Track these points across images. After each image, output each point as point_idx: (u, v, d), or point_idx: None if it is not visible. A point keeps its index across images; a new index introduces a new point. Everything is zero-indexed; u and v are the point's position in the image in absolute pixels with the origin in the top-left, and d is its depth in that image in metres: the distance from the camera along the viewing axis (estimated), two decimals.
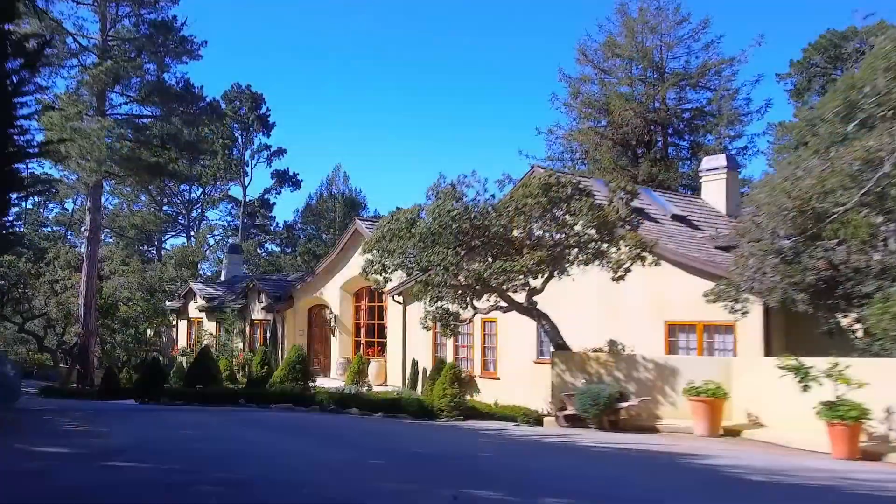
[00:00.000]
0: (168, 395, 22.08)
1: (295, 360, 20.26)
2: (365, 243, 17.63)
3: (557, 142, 44.27)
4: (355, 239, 29.17)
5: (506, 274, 15.93)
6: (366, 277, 17.44)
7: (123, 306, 41.21)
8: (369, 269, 16.99)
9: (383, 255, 16.86)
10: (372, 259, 16.94)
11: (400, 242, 16.95)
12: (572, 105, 43.98)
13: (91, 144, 31.99)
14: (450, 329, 18.99)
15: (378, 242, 17.08)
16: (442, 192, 16.94)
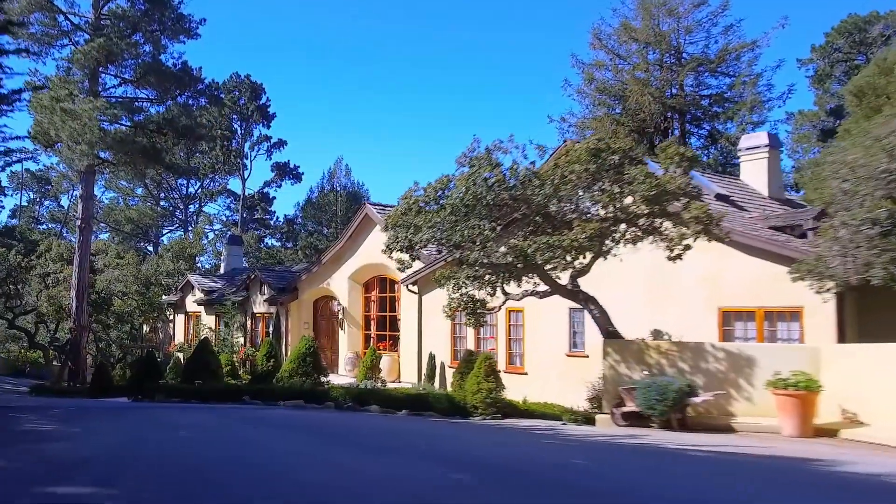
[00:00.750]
0: (164, 391, 19.75)
1: (305, 351, 17.93)
2: (388, 218, 15.32)
3: (570, 130, 42.04)
4: (365, 225, 26.86)
5: (552, 250, 13.62)
6: (389, 255, 15.13)
7: (118, 300, 38.82)
8: (394, 246, 14.68)
9: (409, 230, 14.54)
10: (396, 235, 14.62)
11: (428, 216, 14.66)
12: (586, 92, 41.78)
13: (82, 126, 29.67)
14: (475, 318, 16.80)
15: (403, 216, 14.78)
16: (476, 158, 14.66)
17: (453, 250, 14.89)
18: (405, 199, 14.90)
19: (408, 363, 25.21)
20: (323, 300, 29.59)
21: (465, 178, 14.43)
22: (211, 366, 20.46)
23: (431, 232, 14.20)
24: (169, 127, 34.33)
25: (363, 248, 26.99)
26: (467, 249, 14.53)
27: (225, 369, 23.36)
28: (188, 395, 18.74)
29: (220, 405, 16.79)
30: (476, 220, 14.27)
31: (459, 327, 23.40)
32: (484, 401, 14.81)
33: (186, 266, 40.49)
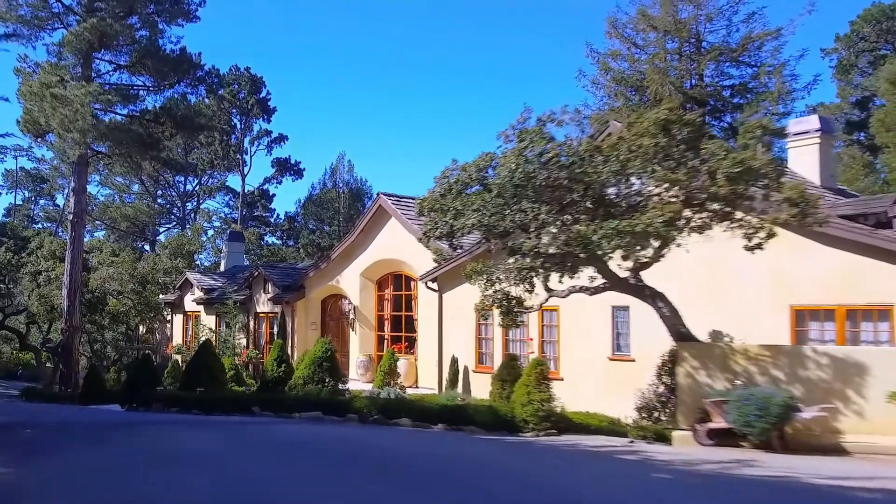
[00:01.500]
0: (161, 400, 17.44)
1: (322, 355, 15.65)
2: (423, 201, 13.02)
3: (584, 122, 39.73)
4: (379, 218, 24.57)
5: (621, 237, 11.35)
6: (426, 244, 12.89)
7: (113, 300, 36.45)
8: (432, 233, 12.41)
9: (450, 214, 12.27)
10: (435, 221, 12.35)
11: (470, 199, 12.39)
12: (601, 83, 39.58)
13: (74, 113, 27.36)
14: (510, 318, 14.65)
15: (442, 199, 12.51)
16: (526, 132, 12.39)
17: (500, 238, 12.61)
18: (443, 179, 12.63)
19: (426, 367, 22.94)
20: (332, 299, 27.29)
21: (514, 154, 12.17)
22: (214, 371, 18.17)
23: (477, 216, 11.92)
24: (167, 116, 32.08)
25: (377, 243, 24.71)
26: (517, 237, 12.27)
27: (228, 374, 21.05)
28: (189, 405, 16.46)
29: (227, 418, 14.50)
30: (529, 203, 12.02)
31: (485, 328, 21.16)
32: (536, 414, 12.53)
33: (185, 264, 38.13)
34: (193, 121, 32.52)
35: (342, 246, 25.99)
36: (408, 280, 24.41)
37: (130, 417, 15.17)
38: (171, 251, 38.55)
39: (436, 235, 12.36)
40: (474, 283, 15.01)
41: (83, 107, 27.27)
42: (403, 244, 23.63)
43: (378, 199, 24.28)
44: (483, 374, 20.78)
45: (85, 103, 27.27)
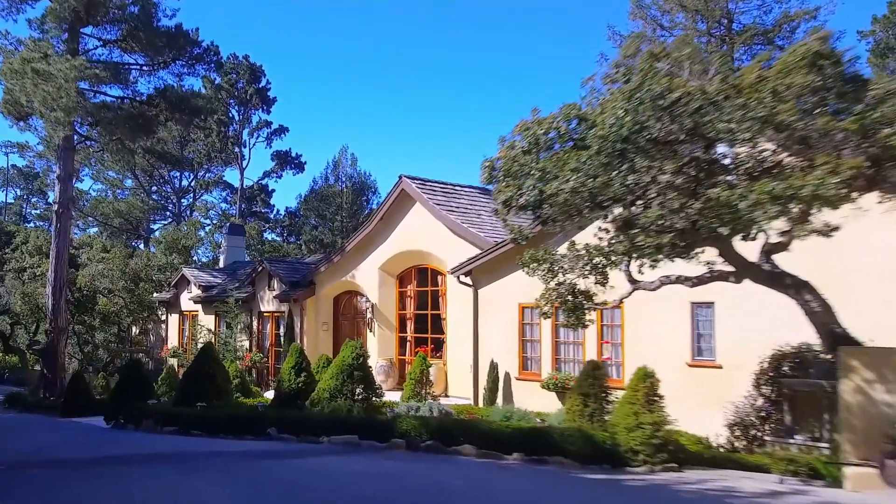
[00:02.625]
0: (154, 415, 14.12)
1: (353, 363, 12.33)
2: (493, 164, 9.74)
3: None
4: (401, 204, 21.31)
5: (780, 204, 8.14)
6: (503, 218, 9.65)
7: (103, 299, 33.04)
8: (512, 201, 9.18)
9: (537, 178, 9.02)
10: (519, 186, 9.10)
11: (562, 157, 9.14)
12: None
13: (57, 89, 24.01)
14: (576, 317, 11.61)
15: (523, 157, 9.25)
16: (635, 67, 9.17)
17: (599, 209, 9.38)
18: (525, 133, 9.36)
19: (458, 373, 19.73)
20: (346, 296, 24.00)
21: (622, 97, 8.91)
22: (217, 380, 14.87)
23: (578, 179, 8.66)
24: (161, 98, 28.72)
25: (399, 232, 21.45)
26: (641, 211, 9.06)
27: (233, 382, 17.73)
28: (187, 424, 13.17)
29: (237, 445, 11.19)
30: (644, 161, 8.81)
31: (530, 328, 17.95)
32: (649, 442, 9.27)
33: (181, 260, 34.74)
34: (190, 102, 29.17)
35: (358, 237, 22.70)
36: (434, 274, 21.15)
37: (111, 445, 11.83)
38: (166, 246, 35.12)
39: (519, 205, 9.08)
40: (532, 273, 11.99)
41: (67, 82, 23.94)
42: (430, 233, 20.41)
43: (401, 181, 21.01)
44: (529, 382, 17.61)
45: (69, 78, 23.93)
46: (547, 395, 16.93)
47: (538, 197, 8.91)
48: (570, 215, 9.32)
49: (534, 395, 17.17)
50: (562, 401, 16.75)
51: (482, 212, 21.28)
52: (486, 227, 20.16)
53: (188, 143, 50.82)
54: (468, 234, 19.23)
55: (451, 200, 20.94)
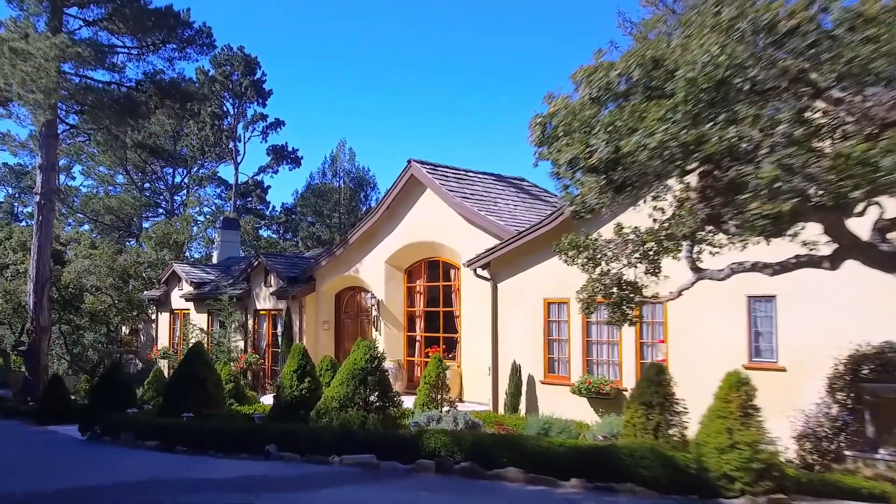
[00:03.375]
0: (134, 427, 12.04)
1: (366, 366, 10.25)
2: (544, 120, 7.67)
3: None
4: (410, 191, 19.27)
5: None
6: (567, 180, 7.56)
7: (90, 297, 30.89)
8: (580, 162, 7.12)
9: (611, 133, 6.97)
10: (586, 143, 7.05)
11: (640, 107, 7.09)
12: None
13: (36, 69, 21.87)
14: (620, 314, 9.71)
15: (591, 107, 7.20)
16: None
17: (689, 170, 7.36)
18: (590, 79, 7.30)
19: (474, 376, 17.73)
20: (349, 292, 21.95)
21: (716, 31, 6.87)
22: (206, 385, 12.81)
23: (669, 130, 6.62)
24: (150, 83, 26.66)
25: (407, 222, 19.41)
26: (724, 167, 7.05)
27: (226, 387, 15.66)
28: (171, 438, 11.10)
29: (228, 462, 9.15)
30: (750, 108, 6.79)
31: (557, 326, 15.94)
32: (748, 467, 7.23)
33: (172, 256, 32.59)
34: (181, 88, 27.08)
35: (362, 227, 20.64)
36: (447, 267, 19.12)
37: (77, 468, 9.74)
38: (157, 242, 32.95)
39: (588, 166, 7.01)
40: (571, 261, 10.09)
41: (47, 62, 21.84)
42: (442, 223, 18.40)
43: (409, 166, 18.96)
44: (555, 386, 15.61)
45: (49, 57, 21.83)
46: (577, 402, 14.94)
47: (612, 155, 6.87)
48: (648, 180, 7.29)
49: (562, 401, 15.18)
50: (595, 408, 14.79)
51: (498, 199, 19.28)
52: (504, 215, 18.17)
53: (181, 137, 48.69)
54: (486, 222, 17.22)
55: (465, 187, 18.92)
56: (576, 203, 7.75)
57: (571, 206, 7.84)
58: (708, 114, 6.97)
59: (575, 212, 7.85)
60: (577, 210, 7.82)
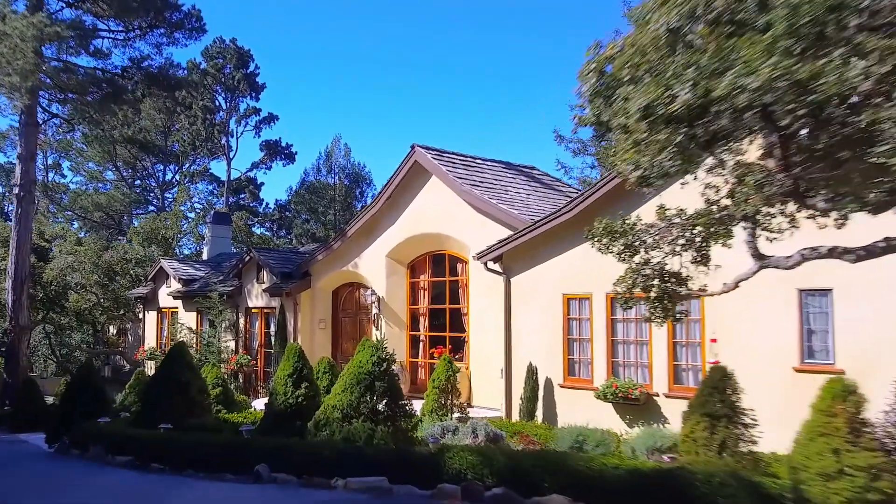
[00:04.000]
0: (105, 439, 10.39)
1: (373, 369, 8.59)
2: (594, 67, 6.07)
3: None
4: (413, 179, 17.68)
5: None
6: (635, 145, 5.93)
7: (74, 295, 29.15)
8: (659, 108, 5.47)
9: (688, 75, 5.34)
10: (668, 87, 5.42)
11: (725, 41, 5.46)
12: None
13: (12, 50, 20.16)
14: (661, 309, 8.19)
15: (668, 44, 5.58)
16: None
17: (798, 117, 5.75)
18: (663, 7, 5.68)
19: (484, 379, 16.12)
20: (347, 289, 20.31)
21: None
22: (189, 391, 11.16)
23: (776, 65, 5.01)
24: (137, 69, 24.97)
25: (410, 212, 17.81)
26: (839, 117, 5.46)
27: (213, 391, 14.00)
28: (146, 453, 9.46)
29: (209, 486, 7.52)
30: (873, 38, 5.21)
31: (577, 324, 14.35)
32: (862, 497, 5.65)
33: (160, 252, 30.85)
34: (169, 74, 25.39)
35: (361, 219, 19.02)
36: (454, 261, 17.52)
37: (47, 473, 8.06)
38: (144, 237, 31.21)
39: (668, 115, 5.39)
40: (605, 249, 8.63)
41: (24, 41, 20.13)
42: (448, 212, 16.81)
43: (413, 152, 17.35)
44: (576, 391, 14.03)
45: (26, 37, 20.13)
46: (601, 408, 13.36)
47: (700, 100, 5.25)
48: (738, 135, 5.73)
49: (583, 407, 13.61)
50: (621, 414, 13.22)
51: (509, 188, 17.70)
52: (517, 204, 16.59)
53: (172, 132, 46.97)
54: (497, 211, 15.62)
55: (474, 174, 17.33)
56: (642, 166, 6.13)
57: (637, 171, 6.23)
58: (814, 51, 5.40)
59: (643, 177, 6.24)
60: (644, 175, 6.21)
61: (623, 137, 6.15)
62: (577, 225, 14.07)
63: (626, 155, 6.21)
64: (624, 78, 5.82)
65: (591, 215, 13.67)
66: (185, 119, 45.21)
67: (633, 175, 6.28)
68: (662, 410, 12.86)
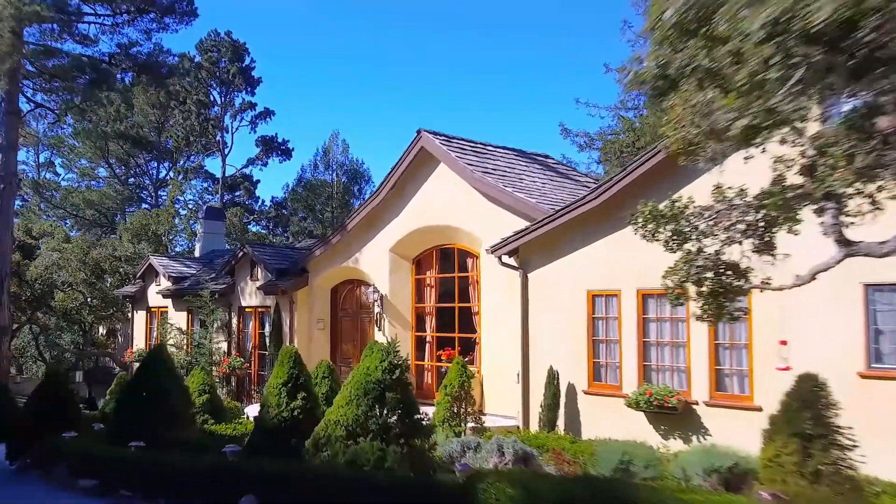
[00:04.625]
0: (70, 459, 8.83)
1: (384, 378, 7.00)
2: None
3: None
4: (420, 167, 16.16)
5: None
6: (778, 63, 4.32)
7: (61, 293, 27.54)
8: (798, 19, 3.89)
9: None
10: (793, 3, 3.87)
11: None
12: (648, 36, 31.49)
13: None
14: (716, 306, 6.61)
15: None
16: None
17: None
18: None
19: (497, 384, 14.60)
20: (347, 286, 18.76)
21: None
22: (168, 399, 9.61)
23: None
24: (125, 56, 23.43)
25: (416, 203, 16.30)
26: None
27: (199, 399, 12.43)
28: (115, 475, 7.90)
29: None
30: None
31: (604, 324, 12.83)
32: None
33: (151, 249, 29.24)
34: (158, 61, 23.82)
35: (362, 211, 17.49)
36: (463, 256, 15.99)
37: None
38: (133, 233, 29.59)
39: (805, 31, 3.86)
40: (650, 237, 7.23)
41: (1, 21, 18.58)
42: (458, 202, 15.32)
43: (419, 137, 15.83)
44: (603, 398, 12.53)
45: (3, 16, 18.69)
46: (631, 417, 11.86)
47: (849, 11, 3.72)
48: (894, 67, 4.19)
49: (611, 416, 12.13)
50: (655, 425, 11.72)
51: (523, 176, 16.19)
52: (534, 193, 15.08)
53: (165, 128, 45.34)
54: (513, 200, 14.11)
55: (485, 161, 15.82)
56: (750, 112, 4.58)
57: (743, 119, 4.67)
58: None
59: (750, 128, 4.69)
60: (754, 125, 4.66)
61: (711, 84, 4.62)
62: (604, 213, 12.58)
63: (723, 102, 4.69)
64: None
65: (619, 203, 12.21)
66: (179, 114, 43.66)
67: (736, 126, 4.73)
68: (703, 421, 11.36)
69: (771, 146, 6.99)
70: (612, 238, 12.46)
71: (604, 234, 12.58)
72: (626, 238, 12.31)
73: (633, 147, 29.68)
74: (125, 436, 9.01)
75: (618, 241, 12.31)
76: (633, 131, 30.53)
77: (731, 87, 4.61)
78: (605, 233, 12.57)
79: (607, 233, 12.53)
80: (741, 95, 4.55)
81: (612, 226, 12.30)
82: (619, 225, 12.46)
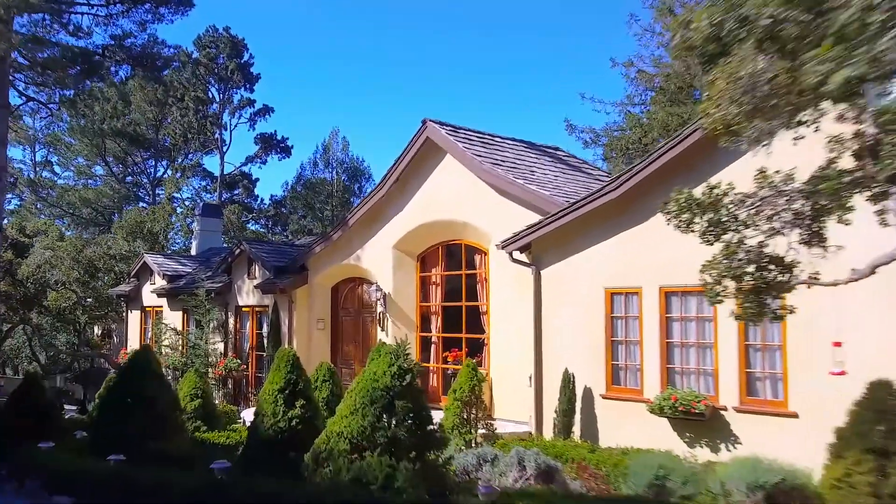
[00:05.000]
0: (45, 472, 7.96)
1: (393, 384, 6.17)
2: None
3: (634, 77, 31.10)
4: (425, 158, 15.31)
5: None
6: None
7: (53, 293, 26.67)
8: None
9: None
10: None
11: None
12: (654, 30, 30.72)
13: None
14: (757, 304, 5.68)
15: None
16: None
17: None
18: None
19: (507, 387, 13.73)
20: (348, 284, 17.89)
21: None
22: (156, 408, 8.72)
23: None
24: (118, 47, 22.55)
25: (421, 197, 15.44)
26: None
27: (190, 405, 11.56)
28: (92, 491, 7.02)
29: None
30: None
31: (623, 323, 11.96)
32: None
33: (146, 247, 28.37)
34: (153, 52, 22.95)
35: (364, 206, 16.62)
36: (471, 252, 15.12)
37: None
38: (128, 231, 28.72)
39: None
40: (685, 227, 6.45)
41: None
42: (465, 196, 14.47)
43: (425, 127, 14.97)
44: (622, 403, 11.66)
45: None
46: (654, 423, 10.99)
47: None
48: None
49: (632, 422, 11.27)
50: (679, 432, 10.85)
51: (534, 168, 15.34)
52: (547, 185, 14.23)
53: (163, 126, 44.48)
54: (525, 192, 13.25)
55: (494, 153, 14.98)
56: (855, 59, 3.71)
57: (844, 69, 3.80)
58: None
59: (853, 79, 3.83)
60: (858, 75, 3.79)
61: None
62: (624, 206, 11.73)
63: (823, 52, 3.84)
64: None
65: (641, 193, 11.35)
66: (177, 111, 42.83)
67: (833, 80, 3.85)
68: (732, 428, 10.48)
69: (825, 124, 6.18)
70: (633, 232, 11.62)
71: (623, 227, 11.74)
72: (647, 232, 11.48)
73: (639, 143, 28.88)
74: (107, 447, 8.14)
75: (638, 235, 11.49)
76: (641, 127, 29.70)
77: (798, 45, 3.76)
78: (624, 226, 11.72)
79: (627, 226, 11.69)
80: (838, 43, 3.69)
81: (633, 219, 11.49)
82: (640, 218, 11.66)
